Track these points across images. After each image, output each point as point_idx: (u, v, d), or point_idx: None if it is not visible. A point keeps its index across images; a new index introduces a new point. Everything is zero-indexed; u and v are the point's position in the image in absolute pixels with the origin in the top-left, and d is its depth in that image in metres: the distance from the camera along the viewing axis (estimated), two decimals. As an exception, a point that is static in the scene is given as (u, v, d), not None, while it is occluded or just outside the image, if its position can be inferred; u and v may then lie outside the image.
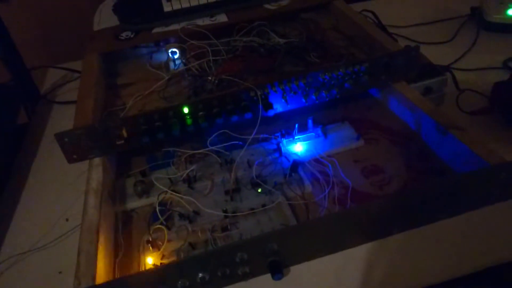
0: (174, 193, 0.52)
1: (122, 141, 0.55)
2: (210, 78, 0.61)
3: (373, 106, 0.67)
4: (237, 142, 0.58)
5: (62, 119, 0.78)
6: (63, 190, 0.61)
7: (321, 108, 0.64)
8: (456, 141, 0.50)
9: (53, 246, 0.52)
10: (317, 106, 0.62)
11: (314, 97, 0.59)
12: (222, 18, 0.78)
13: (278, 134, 0.60)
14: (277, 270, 0.42)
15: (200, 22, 0.77)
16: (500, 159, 0.46)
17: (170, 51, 0.71)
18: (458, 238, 0.46)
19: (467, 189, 0.46)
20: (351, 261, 0.45)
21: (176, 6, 0.77)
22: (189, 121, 0.55)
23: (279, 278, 0.42)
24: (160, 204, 0.52)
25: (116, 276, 0.45)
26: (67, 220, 0.56)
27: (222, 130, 0.56)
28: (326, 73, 0.58)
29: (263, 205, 0.50)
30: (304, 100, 0.59)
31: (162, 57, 0.74)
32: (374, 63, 0.59)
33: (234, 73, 0.62)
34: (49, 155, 0.69)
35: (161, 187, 0.53)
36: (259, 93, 0.56)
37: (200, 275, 0.41)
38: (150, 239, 0.47)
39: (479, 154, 0.47)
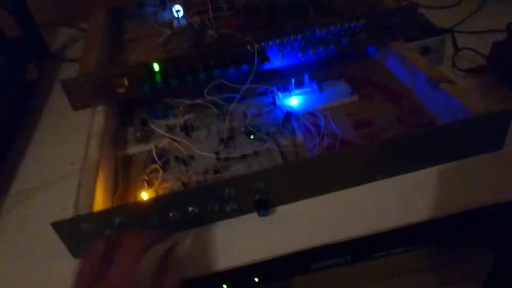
0: (171, 138, 0.55)
1: (123, 89, 0.57)
2: (209, 32, 0.63)
3: (371, 65, 0.67)
4: (235, 94, 0.60)
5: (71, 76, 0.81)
6: (69, 139, 0.64)
7: (320, 66, 0.65)
8: (446, 94, 0.51)
9: (58, 185, 0.56)
10: (316, 64, 0.63)
11: (311, 52, 0.60)
12: (227, -23, 0.79)
13: (274, 88, 0.61)
14: (262, 207, 0.45)
15: (205, -19, 0.78)
16: (487, 110, 0.47)
17: (174, 8, 0.72)
18: (440, 184, 0.47)
19: (452, 139, 0.47)
20: (335, 204, 0.47)
21: (182, -35, 0.78)
22: (187, 72, 0.57)
23: (264, 215, 0.45)
24: (158, 149, 0.55)
25: (113, 210, 0.48)
26: (72, 164, 0.59)
27: (219, 80, 0.57)
28: (323, 28, 0.59)
29: (255, 152, 0.52)
30: (301, 55, 0.60)
31: (166, 15, 0.76)
32: (371, 20, 0.60)
33: (234, 28, 0.64)
34: (57, 107, 0.72)
35: (159, 131, 0.56)
36: (256, 46, 0.57)
37: (190, 208, 0.44)
38: (147, 178, 0.50)
39: (467, 106, 0.48)
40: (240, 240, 0.45)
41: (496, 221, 0.61)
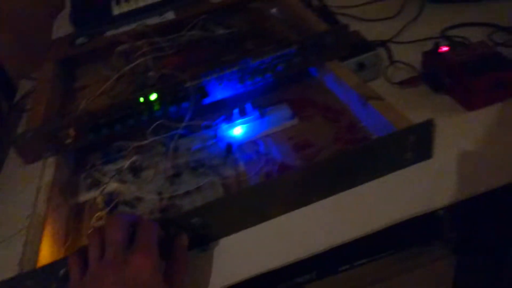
0: (118, 183, 0.57)
1: (70, 139, 0.59)
2: (150, 73, 0.65)
3: (313, 85, 0.69)
4: (181, 131, 0.62)
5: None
6: (28, 192, 0.65)
7: (263, 92, 0.67)
8: (373, 110, 0.54)
9: (13, 241, 0.57)
10: (259, 91, 0.65)
11: (249, 82, 0.63)
12: (170, 15, 0.82)
13: (217, 120, 0.63)
14: (202, 243, 0.46)
15: (150, 21, 0.81)
16: (408, 123, 0.49)
17: (120, 52, 0.75)
18: (376, 198, 0.49)
19: (380, 154, 0.49)
20: (275, 230, 0.49)
21: (125, 8, 0.81)
22: (130, 115, 0.59)
23: (205, 250, 0.46)
24: (108, 194, 0.56)
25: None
26: (27, 218, 0.60)
27: (161, 120, 0.59)
28: (256, 59, 0.61)
29: (199, 187, 0.54)
30: (239, 86, 0.63)
31: (114, 58, 0.78)
32: (302, 45, 0.62)
33: (175, 67, 0.66)
34: (16, 160, 0.74)
35: (106, 178, 0.57)
36: (193, 83, 0.60)
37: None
38: (95, 226, 0.52)
39: (391, 121, 0.51)
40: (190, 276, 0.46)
41: (453, 223, 0.63)
